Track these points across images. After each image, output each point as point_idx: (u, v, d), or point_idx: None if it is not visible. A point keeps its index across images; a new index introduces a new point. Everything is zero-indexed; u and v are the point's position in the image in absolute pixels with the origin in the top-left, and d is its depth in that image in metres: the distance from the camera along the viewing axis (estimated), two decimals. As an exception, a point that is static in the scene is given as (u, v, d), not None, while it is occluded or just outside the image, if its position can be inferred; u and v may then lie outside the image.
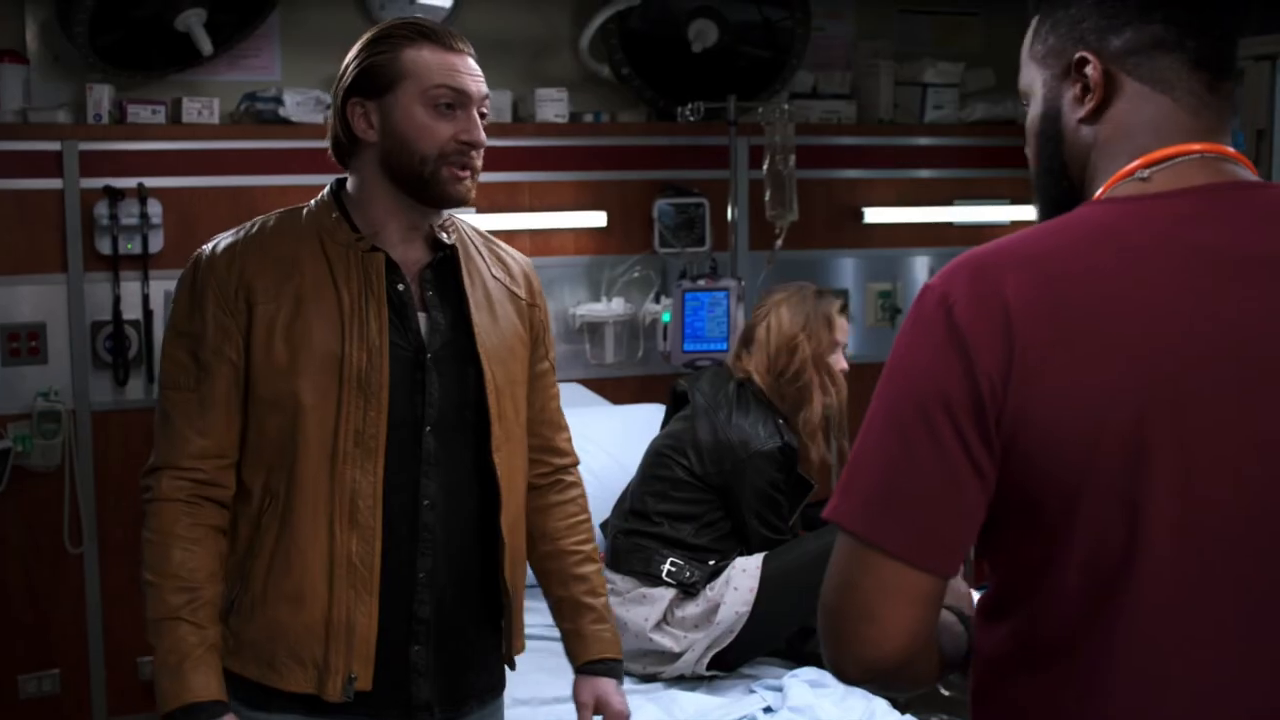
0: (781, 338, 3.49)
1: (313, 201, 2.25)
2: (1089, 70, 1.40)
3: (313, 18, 4.48)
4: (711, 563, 3.35)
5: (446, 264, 2.25)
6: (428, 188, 2.16)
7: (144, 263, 4.17)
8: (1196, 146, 1.38)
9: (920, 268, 5.20)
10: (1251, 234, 1.34)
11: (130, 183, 4.15)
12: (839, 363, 3.52)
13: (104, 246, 4.14)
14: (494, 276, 2.31)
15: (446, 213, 2.26)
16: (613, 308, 4.72)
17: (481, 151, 2.18)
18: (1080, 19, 1.41)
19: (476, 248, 2.31)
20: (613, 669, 2.41)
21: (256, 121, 4.32)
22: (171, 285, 4.37)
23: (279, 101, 4.29)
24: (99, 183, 4.13)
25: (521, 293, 2.34)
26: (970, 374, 1.29)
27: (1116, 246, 1.32)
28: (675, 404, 3.66)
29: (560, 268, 4.70)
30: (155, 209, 4.16)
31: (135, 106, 4.19)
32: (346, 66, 2.19)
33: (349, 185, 2.24)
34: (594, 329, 4.74)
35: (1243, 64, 3.97)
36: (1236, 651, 1.30)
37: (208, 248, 2.21)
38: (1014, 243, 1.37)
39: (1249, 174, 1.40)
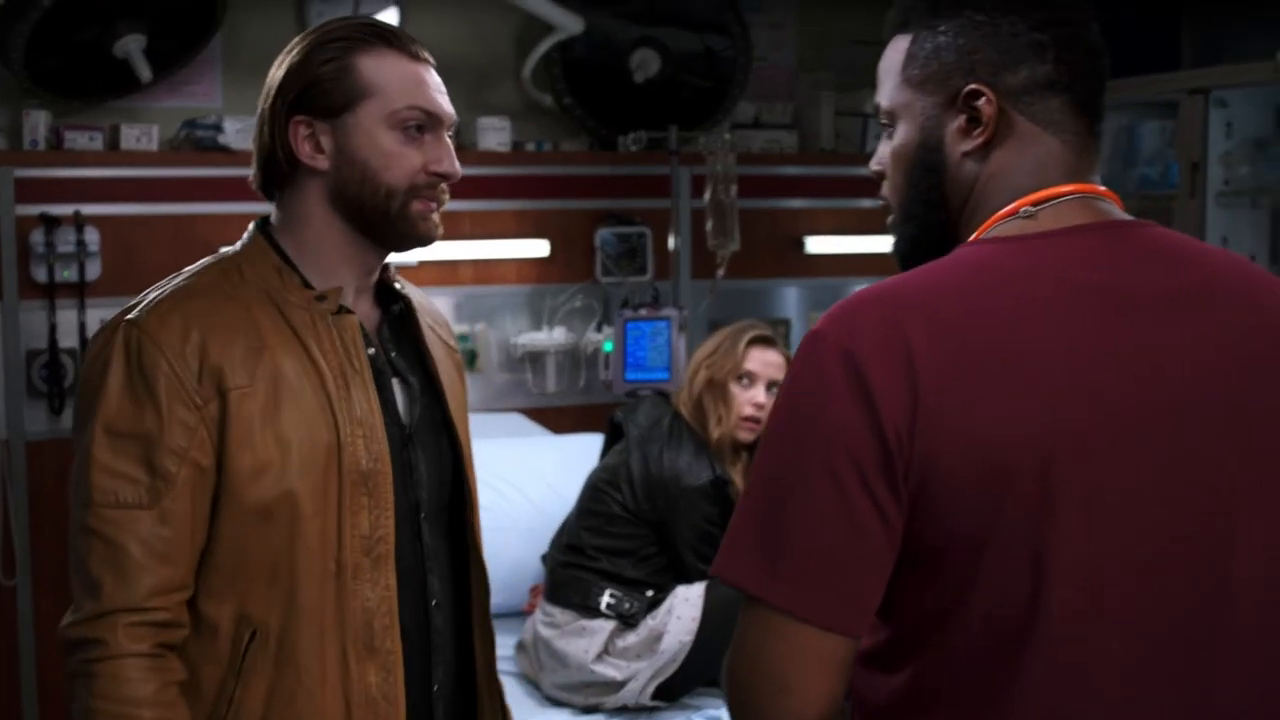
0: (691, 367, 3.53)
1: (239, 246, 1.87)
2: (982, 104, 1.37)
3: (254, 44, 4.45)
4: (650, 594, 3.34)
5: (402, 318, 1.96)
6: (394, 225, 1.82)
7: (81, 291, 4.12)
8: (1070, 187, 1.37)
9: (861, 297, 5.21)
10: (1137, 272, 1.33)
11: (67, 209, 4.10)
12: (750, 396, 3.44)
13: (40, 274, 4.09)
14: (429, 326, 2.00)
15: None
16: (554, 337, 4.72)
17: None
18: (971, 49, 1.37)
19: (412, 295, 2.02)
20: None
21: (196, 148, 4.28)
22: (110, 314, 4.38)
23: (218, 129, 4.26)
24: (35, 209, 4.08)
25: (453, 343, 2.08)
26: (876, 425, 1.24)
27: (1011, 287, 1.30)
28: (612, 435, 3.66)
29: (502, 296, 4.69)
30: (93, 236, 4.11)
31: (72, 132, 4.15)
32: (288, 75, 1.81)
33: (279, 221, 1.87)
34: (535, 358, 4.73)
35: (1177, 97, 4.01)
36: (1146, 694, 1.28)
37: (138, 317, 1.75)
38: (907, 285, 1.33)
39: (1120, 212, 1.40)
